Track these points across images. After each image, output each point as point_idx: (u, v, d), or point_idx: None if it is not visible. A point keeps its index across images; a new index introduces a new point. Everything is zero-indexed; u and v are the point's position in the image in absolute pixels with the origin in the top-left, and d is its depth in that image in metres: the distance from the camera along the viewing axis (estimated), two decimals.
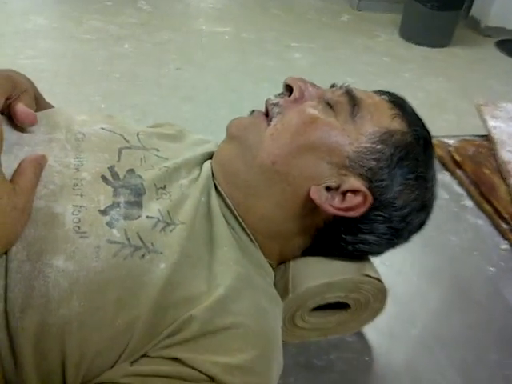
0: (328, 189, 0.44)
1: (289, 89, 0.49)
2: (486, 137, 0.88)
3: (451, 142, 0.88)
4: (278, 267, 0.50)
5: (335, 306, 0.50)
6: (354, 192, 0.43)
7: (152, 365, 0.34)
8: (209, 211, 0.44)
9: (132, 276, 0.35)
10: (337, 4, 3.13)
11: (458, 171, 0.83)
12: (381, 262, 0.51)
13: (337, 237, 0.46)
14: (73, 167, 0.39)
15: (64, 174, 0.38)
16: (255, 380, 0.36)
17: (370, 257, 0.51)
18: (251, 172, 0.45)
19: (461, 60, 2.60)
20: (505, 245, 0.71)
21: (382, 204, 0.44)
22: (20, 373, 0.32)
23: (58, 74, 1.95)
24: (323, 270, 0.48)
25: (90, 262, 0.34)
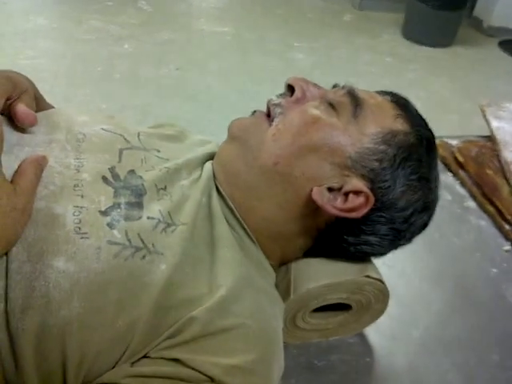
0: (330, 190, 0.43)
1: (290, 89, 0.48)
2: (489, 137, 0.88)
3: (454, 143, 0.88)
4: (279, 268, 0.50)
5: (337, 307, 0.50)
6: (356, 193, 0.43)
7: (153, 366, 0.34)
8: (210, 212, 0.44)
9: (133, 277, 0.35)
10: (339, 4, 3.11)
11: (460, 172, 0.83)
12: (383, 263, 0.51)
13: (339, 238, 0.46)
14: (73, 168, 0.39)
15: (64, 175, 0.38)
16: (256, 381, 0.36)
17: (372, 258, 0.51)
18: (252, 173, 0.45)
19: (464, 60, 2.59)
20: (507, 246, 0.71)
21: (385, 205, 0.44)
22: (20, 373, 0.32)
23: (57, 75, 1.95)
24: (325, 271, 0.48)
25: (90, 262, 0.34)
